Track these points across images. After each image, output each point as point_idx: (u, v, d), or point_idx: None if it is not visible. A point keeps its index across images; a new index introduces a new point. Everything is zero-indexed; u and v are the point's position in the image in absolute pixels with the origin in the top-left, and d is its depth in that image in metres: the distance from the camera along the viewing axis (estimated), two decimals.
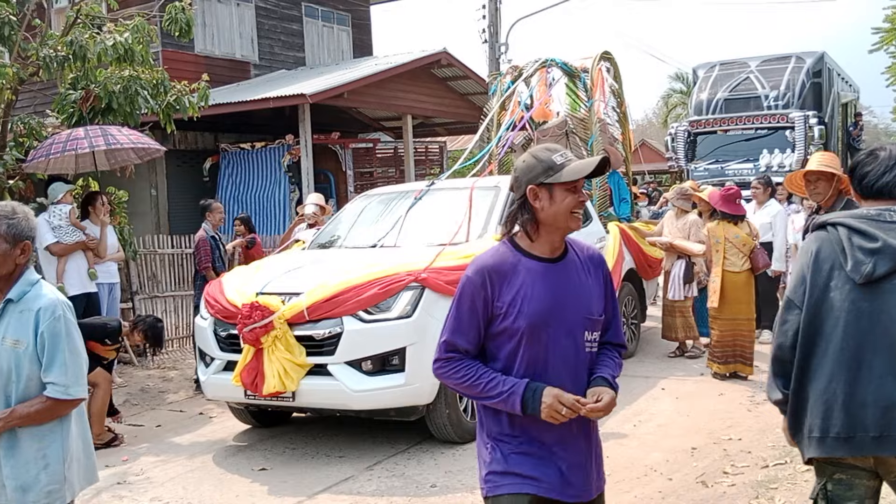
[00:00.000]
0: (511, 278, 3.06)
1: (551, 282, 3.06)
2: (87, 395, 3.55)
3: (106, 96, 10.00)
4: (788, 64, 19.82)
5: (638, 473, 6.14)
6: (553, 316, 3.03)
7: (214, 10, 19.77)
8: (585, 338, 3.10)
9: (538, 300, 3.03)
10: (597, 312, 3.14)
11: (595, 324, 3.13)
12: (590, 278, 3.15)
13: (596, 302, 3.14)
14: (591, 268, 3.18)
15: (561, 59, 11.41)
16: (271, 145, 17.84)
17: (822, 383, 3.15)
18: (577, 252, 3.19)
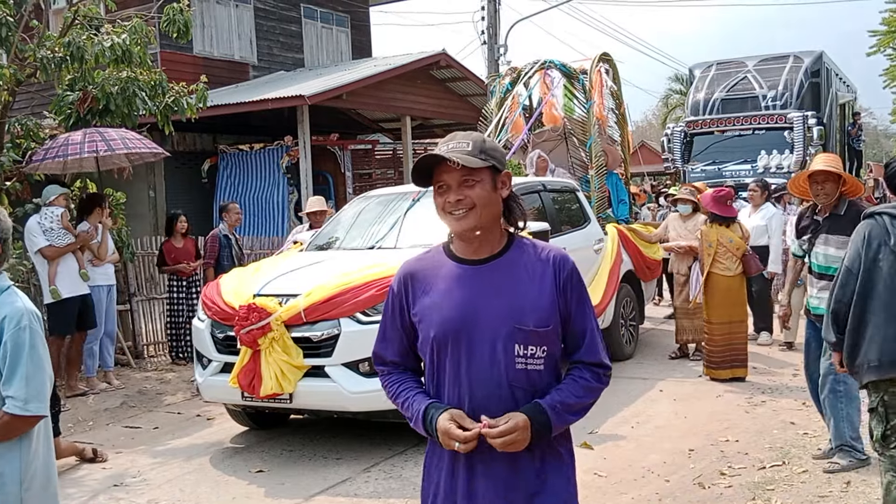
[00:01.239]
0: (431, 283, 2.78)
1: (469, 287, 2.72)
2: (47, 413, 3.25)
3: (104, 98, 9.99)
4: (786, 63, 19.73)
5: (635, 475, 6.13)
6: (467, 325, 2.67)
7: (213, 11, 19.78)
8: (516, 352, 2.65)
9: (449, 307, 2.70)
10: (533, 322, 2.66)
11: (531, 335, 2.66)
12: (532, 282, 2.70)
13: (533, 309, 2.67)
14: (540, 270, 2.72)
15: (559, 61, 11.41)
16: (270, 147, 17.86)
17: (875, 327, 4.29)
18: (526, 252, 2.76)
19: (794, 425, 7.14)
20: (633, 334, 10.24)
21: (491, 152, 2.71)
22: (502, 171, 2.75)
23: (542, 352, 2.69)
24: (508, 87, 11.78)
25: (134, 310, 11.10)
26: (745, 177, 17.18)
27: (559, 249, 2.81)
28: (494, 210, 2.72)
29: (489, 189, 2.69)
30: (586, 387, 2.73)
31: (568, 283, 2.74)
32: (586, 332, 2.76)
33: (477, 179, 2.67)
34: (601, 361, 2.77)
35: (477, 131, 12.65)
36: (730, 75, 20.18)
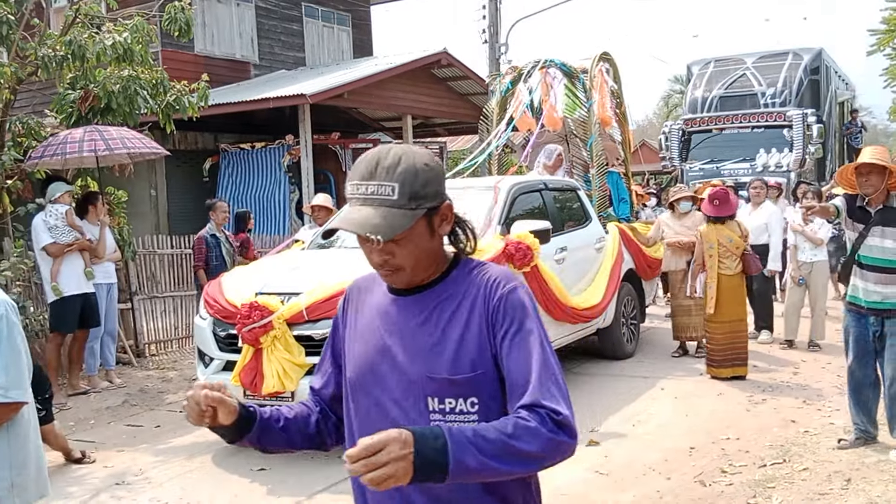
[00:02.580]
0: (364, 309, 2.32)
1: (389, 321, 2.22)
2: (28, 400, 3.28)
3: (105, 96, 9.99)
4: (786, 61, 19.65)
5: (636, 473, 6.14)
6: (378, 370, 2.19)
7: (214, 9, 19.79)
8: (430, 407, 2.11)
9: (365, 344, 2.25)
10: (447, 369, 2.09)
11: (446, 386, 2.10)
12: (459, 318, 2.14)
13: (451, 353, 2.10)
14: (471, 301, 2.15)
15: (560, 60, 11.41)
16: (271, 145, 17.87)
17: None
18: (465, 279, 2.20)
19: (794, 423, 7.15)
20: (634, 333, 10.25)
21: (425, 190, 2.09)
22: (442, 205, 2.16)
23: (470, 406, 2.10)
24: (509, 86, 11.78)
25: (135, 308, 11.11)
26: (744, 175, 17.14)
27: (500, 271, 2.21)
28: (432, 256, 2.18)
29: (424, 238, 2.13)
30: (525, 427, 1.94)
31: (498, 311, 2.11)
32: (529, 373, 2.03)
33: (408, 235, 2.08)
34: (553, 407, 1.99)
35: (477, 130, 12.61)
36: (728, 72, 20.09)
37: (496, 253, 7.42)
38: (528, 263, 7.69)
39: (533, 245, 7.71)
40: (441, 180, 2.17)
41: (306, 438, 2.36)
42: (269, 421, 2.26)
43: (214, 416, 2.13)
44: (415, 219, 2.06)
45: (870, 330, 6.13)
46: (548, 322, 8.27)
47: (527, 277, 7.84)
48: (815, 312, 10.17)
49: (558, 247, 8.66)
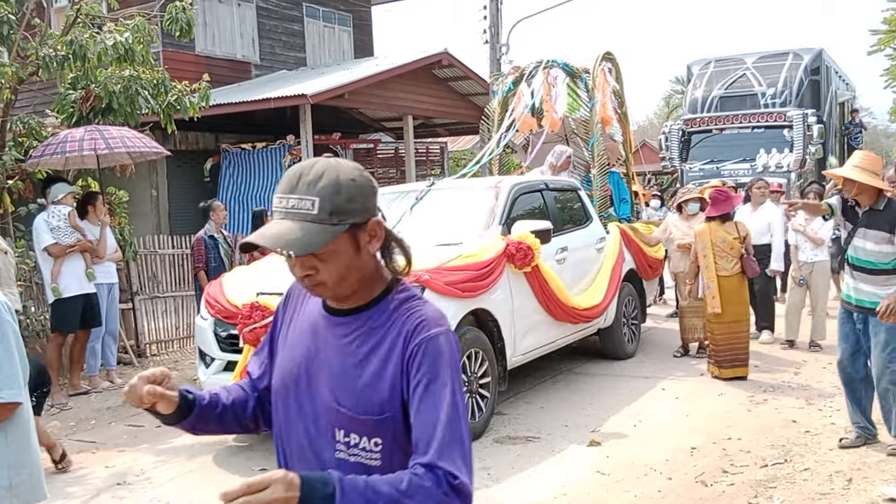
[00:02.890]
0: (300, 315, 2.27)
1: (316, 340, 2.16)
2: (22, 400, 3.23)
3: (106, 96, 10.00)
4: (786, 61, 19.61)
5: (638, 473, 6.14)
6: (298, 387, 2.16)
7: (215, 10, 19.80)
8: (336, 437, 2.07)
9: (291, 356, 2.20)
10: (350, 405, 2.03)
11: (352, 422, 2.04)
12: (377, 353, 2.06)
13: (359, 390, 2.04)
14: (392, 338, 2.06)
15: (562, 60, 11.41)
16: (272, 146, 17.88)
17: None
18: (393, 310, 2.10)
19: (795, 423, 7.14)
20: (634, 333, 10.24)
21: (348, 206, 2.00)
22: (369, 220, 2.05)
23: (374, 445, 2.05)
24: (511, 87, 11.78)
25: (137, 308, 11.11)
26: (744, 176, 17.10)
27: (429, 312, 2.10)
28: (358, 274, 2.08)
29: (348, 255, 2.04)
30: (419, 486, 1.89)
31: (415, 357, 2.02)
32: (434, 431, 1.95)
33: (332, 249, 2.00)
34: (448, 469, 1.91)
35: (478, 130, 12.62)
36: (728, 72, 20.04)
37: (497, 253, 7.42)
38: (528, 263, 7.69)
39: (534, 245, 7.71)
40: (369, 195, 2.06)
41: (241, 424, 2.33)
42: (206, 408, 2.22)
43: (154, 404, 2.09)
44: (335, 235, 1.98)
45: (857, 327, 6.25)
46: (549, 322, 8.27)
47: (528, 277, 7.84)
48: (816, 312, 10.16)
49: (559, 247, 8.66)
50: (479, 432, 7.07)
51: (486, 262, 7.25)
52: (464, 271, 7.00)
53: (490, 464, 6.43)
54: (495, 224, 7.97)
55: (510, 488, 5.94)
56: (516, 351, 7.77)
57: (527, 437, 7.07)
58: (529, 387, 8.78)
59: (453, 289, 6.79)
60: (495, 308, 7.40)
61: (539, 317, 8.13)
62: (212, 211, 10.51)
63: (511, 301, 7.64)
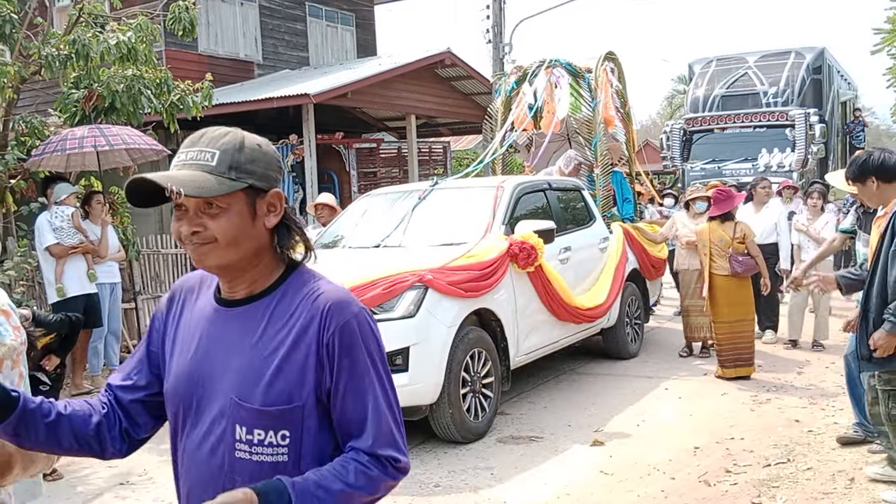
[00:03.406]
0: (189, 317, 2.13)
1: (209, 337, 2.03)
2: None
3: (109, 95, 9.99)
4: (788, 60, 19.52)
5: (641, 472, 6.14)
6: (193, 390, 2.02)
7: (218, 9, 19.79)
8: (237, 436, 1.94)
9: (184, 359, 2.06)
10: (259, 398, 1.92)
11: (257, 416, 1.92)
12: (284, 340, 1.95)
13: (267, 379, 1.92)
14: (303, 322, 1.96)
15: (565, 60, 11.39)
16: (275, 145, 17.79)
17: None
18: (297, 294, 2.02)
19: (798, 423, 7.14)
20: (638, 333, 10.24)
21: (249, 166, 1.95)
22: (269, 190, 2.01)
23: (281, 439, 1.93)
24: (514, 86, 11.77)
25: (139, 308, 11.11)
26: (746, 175, 17.06)
27: (338, 293, 2.02)
28: (252, 244, 1.97)
29: (243, 218, 1.95)
30: (367, 476, 1.91)
31: (334, 342, 1.93)
32: (366, 416, 1.94)
33: (223, 206, 1.92)
34: (390, 455, 1.95)
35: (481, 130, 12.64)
36: (730, 71, 19.94)
37: (500, 253, 7.42)
38: (532, 263, 7.69)
39: (537, 245, 7.70)
40: (274, 168, 2.03)
41: (80, 441, 2.07)
42: (34, 413, 1.97)
43: None
44: (231, 189, 1.91)
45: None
46: (552, 322, 8.26)
47: (531, 277, 7.84)
48: (818, 312, 10.15)
49: (562, 247, 8.66)
50: (482, 432, 7.08)
51: (490, 261, 7.25)
52: (467, 271, 7.00)
53: (493, 464, 6.43)
54: (498, 224, 7.97)
55: (513, 488, 5.94)
56: (519, 351, 7.77)
57: (530, 437, 7.07)
58: (532, 387, 8.78)
59: (456, 289, 6.80)
60: (498, 308, 7.40)
61: (542, 317, 8.12)
62: None
63: (514, 301, 7.64)
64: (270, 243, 2.03)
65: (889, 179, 5.23)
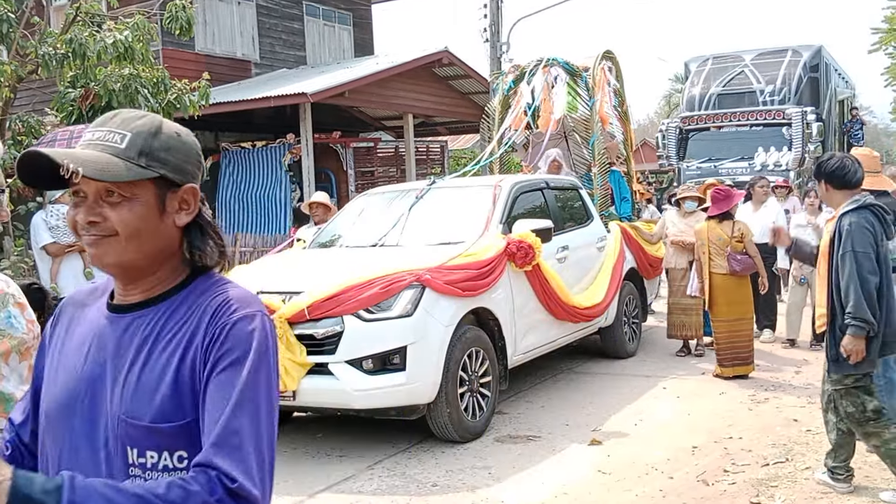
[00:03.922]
0: (75, 328, 1.88)
1: (98, 347, 1.79)
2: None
3: (106, 94, 9.99)
4: (785, 58, 19.42)
5: (639, 472, 6.13)
6: (76, 407, 1.76)
7: (215, 8, 19.78)
8: (129, 459, 1.70)
9: (65, 374, 1.81)
10: (153, 415, 1.67)
11: (149, 435, 1.68)
12: (175, 350, 1.72)
13: (163, 398, 1.68)
14: (192, 330, 1.72)
15: (563, 59, 11.39)
16: (272, 144, 17.86)
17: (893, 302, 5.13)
18: (196, 301, 1.77)
19: (797, 422, 7.13)
20: (635, 332, 10.24)
21: (163, 154, 1.73)
22: (183, 184, 1.77)
23: (178, 461, 1.70)
24: (511, 85, 11.76)
25: None
26: (742, 174, 17.01)
27: (237, 294, 1.78)
28: (156, 242, 1.75)
29: (149, 212, 1.72)
30: (183, 490, 1.55)
31: (215, 343, 1.69)
32: (218, 421, 1.62)
33: (127, 195, 1.70)
34: (227, 471, 1.59)
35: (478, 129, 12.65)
36: (726, 69, 19.82)
37: (498, 252, 7.41)
38: (529, 262, 7.68)
39: (534, 244, 7.70)
40: (192, 160, 1.80)
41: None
42: None
43: None
44: (139, 177, 1.69)
45: None
46: (550, 321, 8.26)
47: (528, 276, 7.83)
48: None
49: (560, 246, 8.65)
50: (479, 431, 7.07)
51: (487, 261, 7.24)
52: (464, 270, 6.99)
53: (491, 463, 6.42)
54: (496, 223, 7.96)
55: (511, 487, 5.93)
56: (517, 350, 7.76)
57: (528, 437, 7.06)
58: (530, 386, 8.77)
59: (454, 288, 6.79)
60: (496, 307, 7.39)
61: (540, 316, 8.12)
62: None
63: (512, 300, 7.63)
64: (179, 244, 1.81)
65: (837, 186, 5.37)
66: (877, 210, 5.17)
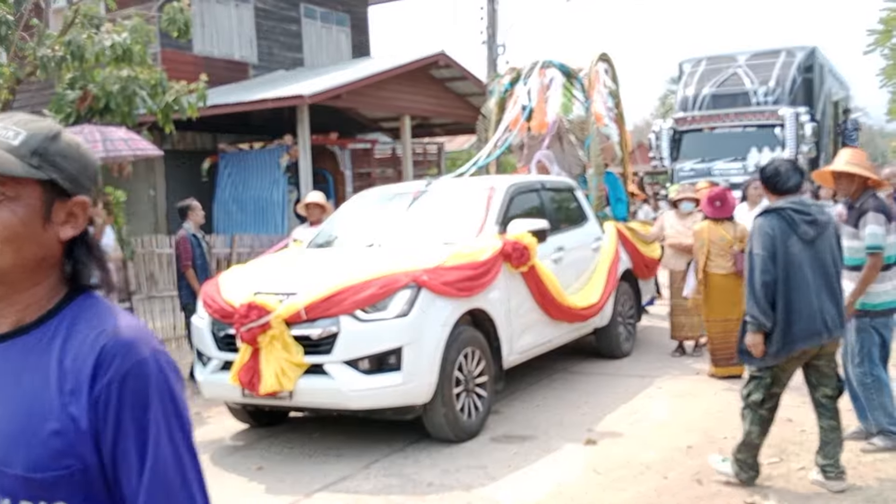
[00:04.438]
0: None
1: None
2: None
3: (104, 96, 10.03)
4: (778, 58, 19.33)
5: (634, 472, 6.16)
6: None
7: (213, 10, 19.81)
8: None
9: None
10: (22, 462, 1.48)
11: (25, 487, 1.49)
12: (53, 387, 1.51)
13: (39, 444, 1.49)
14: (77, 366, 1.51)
15: (558, 61, 11.42)
16: (270, 146, 17.89)
17: (800, 304, 5.30)
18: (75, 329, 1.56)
19: (791, 422, 7.16)
20: (631, 332, 10.27)
21: (58, 159, 1.58)
22: (74, 195, 1.60)
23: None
24: (508, 87, 11.79)
25: (134, 308, 11.11)
26: (736, 175, 16.97)
27: (128, 330, 1.57)
28: (35, 251, 1.57)
29: (32, 216, 1.55)
30: None
31: (112, 394, 1.49)
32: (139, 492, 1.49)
33: (10, 194, 1.53)
34: None
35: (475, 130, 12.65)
36: (720, 70, 19.69)
37: (494, 252, 7.44)
38: (525, 263, 7.72)
39: (530, 244, 7.73)
40: (89, 175, 1.64)
41: None
42: None
43: None
44: (27, 173, 1.53)
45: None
46: (545, 321, 8.29)
47: (524, 277, 7.87)
48: None
49: (556, 246, 8.69)
50: (475, 431, 7.11)
51: (483, 261, 7.27)
52: (460, 271, 7.03)
53: (486, 462, 6.46)
54: (492, 223, 7.99)
55: (506, 487, 5.96)
56: (513, 350, 7.80)
57: (523, 436, 7.10)
58: (526, 386, 8.81)
59: (450, 288, 6.82)
60: (492, 307, 7.43)
61: (535, 316, 8.15)
62: (190, 210, 10.42)
63: (508, 300, 7.67)
64: (59, 261, 1.62)
65: (771, 191, 5.64)
66: (785, 213, 5.38)
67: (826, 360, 5.64)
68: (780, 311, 5.32)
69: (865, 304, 6.20)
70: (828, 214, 5.60)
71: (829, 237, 5.46)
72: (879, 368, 6.30)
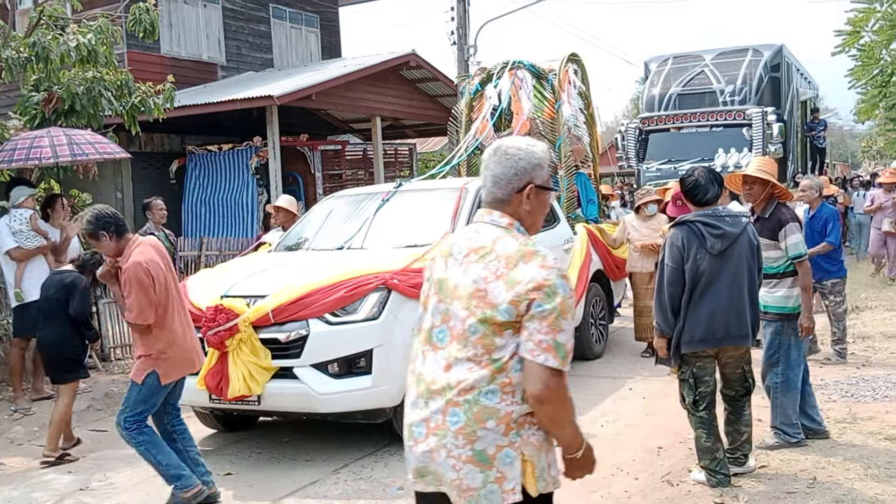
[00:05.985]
0: None
1: None
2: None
3: (69, 98, 9.89)
4: (745, 57, 19.20)
5: (604, 473, 6.15)
6: None
7: (180, 11, 19.67)
8: None
9: None
10: None
11: None
12: None
13: None
14: None
15: (528, 61, 11.41)
16: (239, 147, 17.77)
17: (702, 310, 5.55)
18: None
19: (761, 422, 7.16)
20: (602, 333, 10.28)
21: None
22: None
23: None
24: (478, 88, 11.76)
25: (100, 312, 10.99)
26: None
27: None
28: None
29: None
30: None
31: None
32: None
33: None
34: None
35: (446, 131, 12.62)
36: (686, 69, 19.46)
37: None
38: None
39: None
40: None
41: None
42: None
43: None
44: None
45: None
46: None
47: None
48: None
49: None
50: None
51: None
52: None
53: None
54: (462, 225, 7.95)
55: None
56: None
57: None
58: None
59: (419, 291, 6.77)
60: None
61: None
62: (149, 210, 10.32)
63: None
64: None
65: (691, 202, 5.83)
66: (694, 226, 5.58)
67: (733, 363, 5.99)
68: (682, 317, 5.59)
69: (783, 308, 6.48)
70: (742, 225, 5.66)
71: (741, 248, 5.60)
72: (794, 372, 6.59)
